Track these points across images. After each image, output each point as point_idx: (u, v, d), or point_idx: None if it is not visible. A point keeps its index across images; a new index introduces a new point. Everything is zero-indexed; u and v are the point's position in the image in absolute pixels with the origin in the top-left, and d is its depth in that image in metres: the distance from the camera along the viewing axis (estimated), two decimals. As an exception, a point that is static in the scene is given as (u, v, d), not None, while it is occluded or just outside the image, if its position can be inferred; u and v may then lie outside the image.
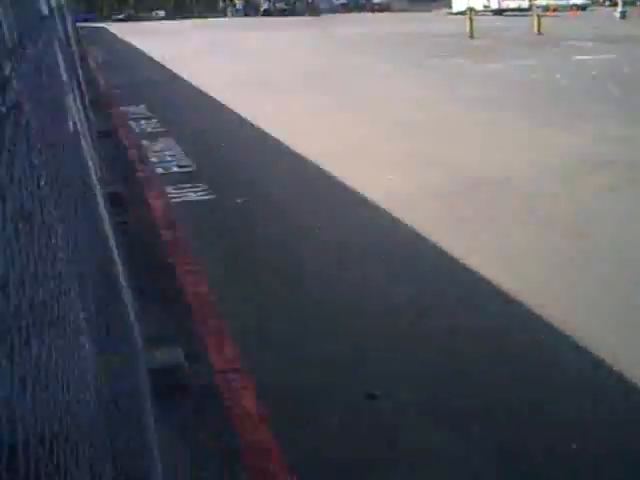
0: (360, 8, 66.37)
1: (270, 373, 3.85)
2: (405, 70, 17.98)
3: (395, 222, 6.36)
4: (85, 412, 1.29)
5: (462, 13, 43.77)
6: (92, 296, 2.06)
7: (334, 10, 66.27)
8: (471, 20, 28.30)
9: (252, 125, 11.14)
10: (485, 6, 46.46)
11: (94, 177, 4.15)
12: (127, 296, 3.62)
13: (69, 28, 12.58)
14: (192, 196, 7.58)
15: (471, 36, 27.60)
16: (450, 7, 52.28)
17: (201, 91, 15.44)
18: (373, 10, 64.43)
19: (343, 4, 69.31)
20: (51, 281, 1.19)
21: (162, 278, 5.25)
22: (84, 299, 1.80)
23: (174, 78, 18.42)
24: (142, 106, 13.65)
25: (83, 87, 9.84)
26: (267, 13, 63.01)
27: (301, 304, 4.81)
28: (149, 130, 11.39)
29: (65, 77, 4.32)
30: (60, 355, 1.02)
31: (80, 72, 10.59)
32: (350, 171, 8.03)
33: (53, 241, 1.34)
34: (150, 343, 3.73)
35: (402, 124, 10.75)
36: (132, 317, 3.47)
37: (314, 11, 60.32)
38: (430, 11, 56.73)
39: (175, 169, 8.82)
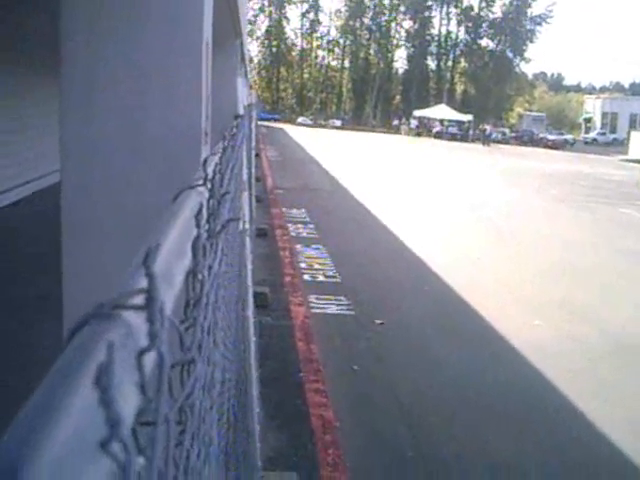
0: (533, 142, 66.41)
1: None
2: (565, 211, 17.51)
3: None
4: None
5: (638, 161, 42.61)
6: (227, 407, 2.02)
7: (506, 141, 66.72)
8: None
9: (410, 251, 11.18)
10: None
11: (249, 277, 4.26)
12: (256, 410, 3.61)
13: (253, 125, 13.52)
14: (333, 309, 7.63)
15: (643, 187, 26.71)
16: (625, 153, 51.05)
17: (364, 206, 15.84)
18: (546, 146, 64.30)
19: (516, 137, 69.71)
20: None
21: (289, 392, 5.23)
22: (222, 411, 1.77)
23: (338, 187, 19.06)
24: (303, 210, 14.17)
25: (253, 183, 10.42)
26: (438, 135, 64.49)
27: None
28: (304, 235, 11.75)
29: (245, 175, 4.53)
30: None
31: (253, 169, 11.26)
32: (496, 310, 7.79)
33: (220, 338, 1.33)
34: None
35: (554, 265, 10.37)
36: (257, 435, 3.44)
37: (486, 140, 61.01)
38: (608, 154, 55.79)
39: (321, 278, 8.96)
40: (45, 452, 0.25)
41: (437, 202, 17.54)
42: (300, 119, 72.54)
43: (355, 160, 30.00)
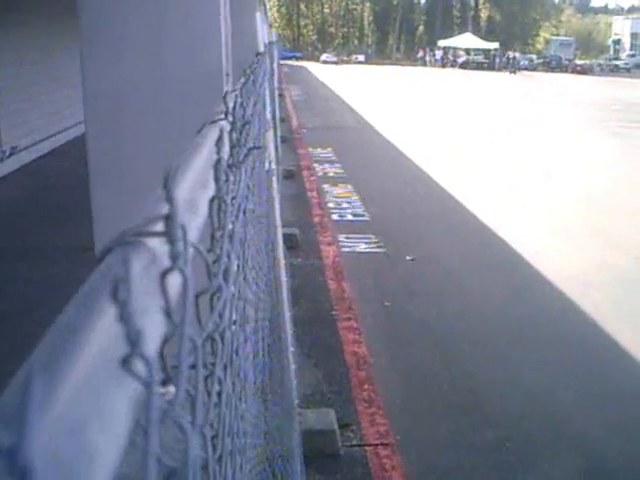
0: (561, 68, 64.77)
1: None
2: (598, 139, 17.12)
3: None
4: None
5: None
6: (262, 346, 2.04)
7: (533, 68, 65.15)
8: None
9: (439, 185, 11.09)
10: None
11: (279, 218, 4.25)
12: (290, 348, 3.66)
13: (275, 65, 13.35)
14: (362, 247, 7.63)
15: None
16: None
17: (390, 142, 15.67)
18: (574, 71, 62.74)
19: (543, 62, 67.98)
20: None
21: (323, 331, 5.29)
22: (256, 348, 1.79)
23: (364, 125, 18.85)
24: (329, 149, 14.07)
25: (277, 124, 10.34)
26: (464, 65, 63.14)
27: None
28: (331, 174, 11.69)
29: (268, 114, 4.49)
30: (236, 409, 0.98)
31: (277, 109, 11.16)
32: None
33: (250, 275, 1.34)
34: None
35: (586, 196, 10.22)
36: (292, 373, 3.49)
37: (513, 68, 59.61)
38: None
39: (350, 217, 8.95)
40: (64, 370, 0.24)
41: (463, 132, 17.26)
42: (324, 56, 69.60)
43: (379, 96, 29.54)
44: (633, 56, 74.00)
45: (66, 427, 0.24)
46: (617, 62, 68.46)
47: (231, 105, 1.08)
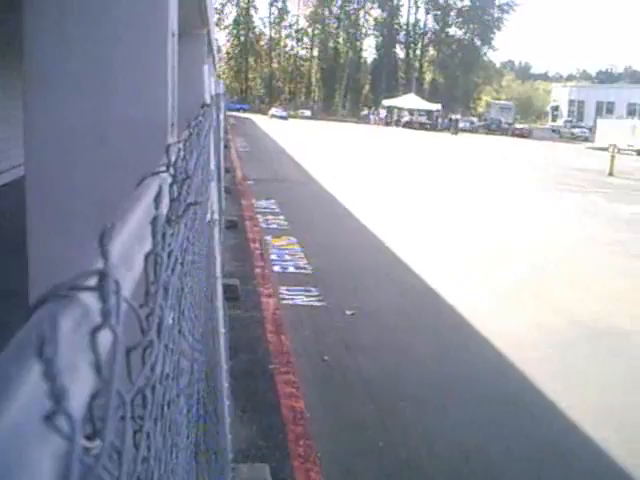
0: (501, 131, 67.16)
1: None
2: (534, 197, 17.70)
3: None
4: None
5: (603, 149, 43.34)
6: (197, 400, 2.01)
7: (474, 130, 67.36)
8: (612, 157, 27.98)
9: (388, 248, 11.23)
10: (629, 145, 45.60)
11: (219, 269, 4.23)
12: (226, 402, 3.60)
13: (222, 116, 13.43)
14: (303, 299, 7.63)
15: (610, 173, 27.15)
16: (592, 141, 51.96)
17: (334, 196, 15.86)
18: (514, 134, 65.14)
19: (484, 125, 70.39)
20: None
21: (261, 384, 5.23)
22: (191, 402, 1.76)
23: (309, 179, 19.06)
24: (272, 201, 14.15)
25: (222, 174, 10.36)
26: (408, 125, 64.84)
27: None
28: (274, 226, 11.73)
29: (212, 165, 4.49)
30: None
31: (222, 160, 11.20)
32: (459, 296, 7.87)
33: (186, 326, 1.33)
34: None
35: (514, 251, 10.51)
36: (227, 427, 3.43)
37: (455, 129, 61.57)
38: (573, 142, 56.68)
39: (291, 269, 8.96)
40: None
41: (408, 189, 17.64)
42: (273, 110, 67.26)
43: (324, 151, 29.98)
44: (570, 121, 77.24)
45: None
46: (574, 130, 70.78)
47: (173, 158, 1.10)
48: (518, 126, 70.36)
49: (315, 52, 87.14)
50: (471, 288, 8.60)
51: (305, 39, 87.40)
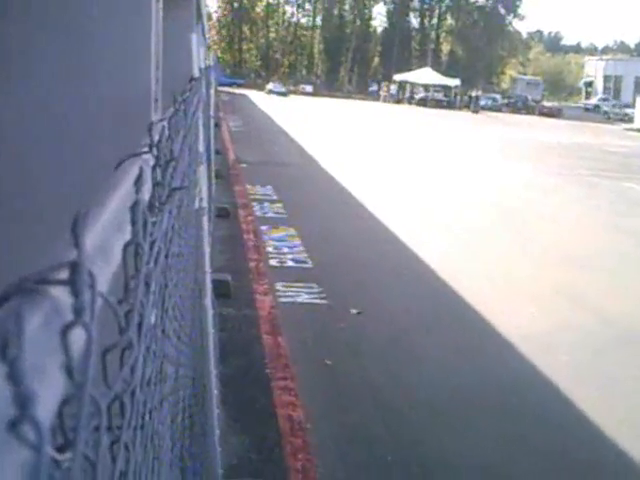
0: (527, 110, 67.06)
1: None
2: (565, 186, 17.70)
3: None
4: None
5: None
6: (183, 408, 2.01)
7: (497, 108, 67.26)
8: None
9: (395, 237, 11.24)
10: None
11: (208, 262, 4.23)
12: (216, 411, 3.61)
13: (212, 92, 13.42)
14: (303, 297, 7.64)
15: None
16: (630, 122, 51.92)
17: (339, 182, 15.87)
18: (541, 113, 65.02)
19: (508, 103, 70.31)
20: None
21: (255, 392, 5.24)
22: (176, 411, 1.76)
23: (311, 162, 19.06)
24: (269, 187, 14.15)
25: (212, 157, 10.37)
26: (422, 102, 64.69)
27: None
28: (271, 215, 11.73)
29: (201, 147, 4.49)
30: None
31: (213, 141, 11.20)
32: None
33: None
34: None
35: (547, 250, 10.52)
36: (217, 439, 3.45)
37: (475, 107, 61.47)
38: (611, 123, 56.66)
39: (290, 263, 8.97)
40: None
41: (421, 175, 17.64)
42: (270, 85, 68.05)
43: (327, 130, 29.97)
44: (605, 100, 77.02)
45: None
46: (611, 108, 70.53)
47: (157, 137, 1.10)
48: (546, 104, 70.26)
49: (318, 20, 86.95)
50: (502, 288, 8.61)
51: (307, 5, 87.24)
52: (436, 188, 16.14)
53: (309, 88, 73.36)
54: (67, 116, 3.00)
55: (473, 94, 64.51)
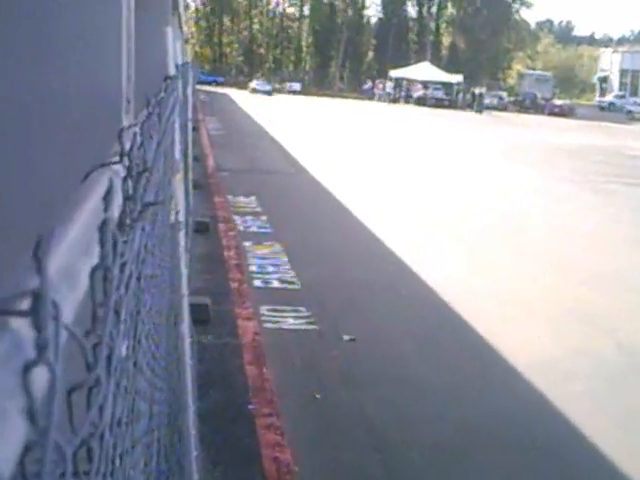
0: (536, 109, 67.40)
1: None
2: (580, 195, 17.78)
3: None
4: None
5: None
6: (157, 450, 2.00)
7: (503, 107, 67.62)
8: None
9: (392, 253, 11.26)
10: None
11: (185, 284, 4.22)
12: (194, 452, 3.60)
13: (189, 90, 13.44)
14: (290, 322, 7.62)
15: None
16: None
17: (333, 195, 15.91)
18: (551, 113, 65.15)
19: (515, 101, 70.70)
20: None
21: (237, 430, 5.23)
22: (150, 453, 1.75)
23: (298, 170, 19.10)
24: (252, 198, 14.17)
25: (190, 165, 10.38)
26: (421, 102, 64.93)
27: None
28: (254, 230, 11.73)
29: (178, 154, 4.49)
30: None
31: (190, 147, 11.21)
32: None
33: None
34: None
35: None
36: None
37: (479, 106, 61.77)
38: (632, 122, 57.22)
39: (276, 284, 8.96)
40: None
41: (418, 191, 17.70)
42: (254, 83, 68.42)
43: (316, 133, 30.05)
44: (622, 97, 77.35)
45: None
46: (628, 106, 70.83)
47: (128, 145, 1.10)
48: (557, 102, 70.46)
49: (306, 10, 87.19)
50: (510, 309, 8.62)
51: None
52: (437, 199, 16.20)
53: (297, 86, 73.53)
54: (22, 120, 2.98)
55: (476, 92, 64.75)
